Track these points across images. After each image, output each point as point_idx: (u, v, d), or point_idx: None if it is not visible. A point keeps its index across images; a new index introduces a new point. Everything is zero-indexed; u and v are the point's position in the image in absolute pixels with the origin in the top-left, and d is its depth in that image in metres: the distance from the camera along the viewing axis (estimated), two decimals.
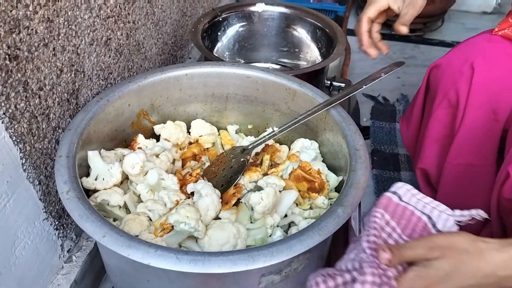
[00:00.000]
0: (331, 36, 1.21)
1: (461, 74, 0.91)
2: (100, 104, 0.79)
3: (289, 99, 0.91)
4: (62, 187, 0.63)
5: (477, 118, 0.90)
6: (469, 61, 0.90)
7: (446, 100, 0.94)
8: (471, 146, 0.92)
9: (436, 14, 1.96)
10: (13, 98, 0.64)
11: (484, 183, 0.93)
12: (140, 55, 1.05)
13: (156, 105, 0.91)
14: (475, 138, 0.91)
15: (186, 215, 0.66)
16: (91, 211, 0.60)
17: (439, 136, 0.98)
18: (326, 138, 0.86)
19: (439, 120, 0.97)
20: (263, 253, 0.56)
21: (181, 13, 1.29)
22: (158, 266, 0.54)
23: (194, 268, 0.54)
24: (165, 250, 0.56)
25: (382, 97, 1.67)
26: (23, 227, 0.71)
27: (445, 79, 0.94)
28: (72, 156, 0.69)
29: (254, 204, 0.73)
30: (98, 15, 0.83)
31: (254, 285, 0.61)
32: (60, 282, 0.83)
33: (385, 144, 1.46)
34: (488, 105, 0.88)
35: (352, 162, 0.72)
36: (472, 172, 0.93)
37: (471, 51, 0.92)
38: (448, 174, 0.96)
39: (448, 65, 0.95)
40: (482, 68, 0.89)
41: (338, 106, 0.84)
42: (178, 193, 0.76)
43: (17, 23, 0.62)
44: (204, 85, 0.94)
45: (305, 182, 0.79)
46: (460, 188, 0.96)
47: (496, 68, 0.88)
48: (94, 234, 0.58)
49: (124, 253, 0.55)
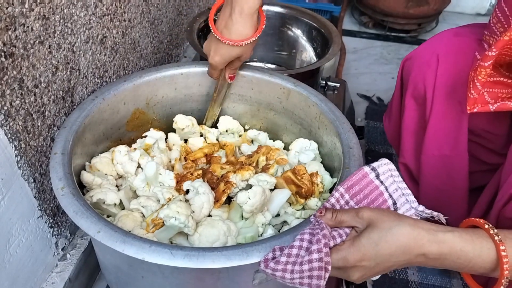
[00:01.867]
0: (326, 36, 1.21)
1: (428, 66, 0.92)
2: (95, 102, 0.79)
3: (283, 98, 0.91)
4: (57, 184, 0.64)
5: (445, 109, 0.91)
6: (435, 53, 0.91)
7: (416, 91, 0.95)
8: (442, 137, 0.93)
9: (431, 15, 1.98)
10: (9, 96, 0.64)
11: (459, 173, 0.94)
12: (135, 53, 1.05)
13: (151, 104, 0.91)
14: (445, 129, 0.92)
15: (177, 210, 0.66)
16: (86, 208, 0.60)
17: (414, 128, 0.99)
18: (321, 137, 0.87)
19: (411, 112, 0.98)
20: (257, 249, 0.56)
21: (176, 12, 1.29)
22: (153, 261, 0.55)
23: (188, 263, 0.54)
24: (160, 245, 0.56)
25: (376, 98, 1.67)
26: (17, 225, 0.71)
27: (415, 71, 0.95)
28: (67, 153, 0.69)
29: (241, 203, 0.73)
30: (94, 13, 0.83)
31: (248, 281, 0.62)
32: (55, 280, 0.83)
33: (379, 144, 1.47)
34: (454, 96, 0.89)
35: (346, 160, 0.73)
36: (446, 163, 0.94)
37: (438, 44, 0.93)
38: (426, 167, 0.97)
39: (418, 57, 0.96)
40: (446, 60, 0.89)
41: (332, 104, 0.84)
42: (172, 190, 0.76)
43: (13, 20, 0.62)
44: (199, 84, 0.94)
45: (294, 185, 0.80)
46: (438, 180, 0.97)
47: (460, 61, 0.88)
48: (88, 230, 0.58)
49: (119, 248, 0.56)
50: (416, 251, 0.52)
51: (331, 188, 0.82)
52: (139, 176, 0.79)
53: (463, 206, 0.96)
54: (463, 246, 0.52)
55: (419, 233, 0.52)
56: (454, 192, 0.96)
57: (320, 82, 1.28)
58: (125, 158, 0.80)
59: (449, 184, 0.96)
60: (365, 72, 1.83)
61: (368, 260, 0.53)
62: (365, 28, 2.13)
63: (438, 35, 0.95)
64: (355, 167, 0.71)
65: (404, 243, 0.52)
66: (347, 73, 1.80)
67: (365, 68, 1.86)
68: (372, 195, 0.60)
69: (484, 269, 0.53)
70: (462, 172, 0.94)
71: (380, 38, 2.07)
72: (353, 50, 1.97)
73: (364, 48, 1.99)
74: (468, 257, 0.52)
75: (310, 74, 1.10)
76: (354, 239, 0.54)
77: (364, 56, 1.93)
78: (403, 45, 2.01)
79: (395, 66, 1.86)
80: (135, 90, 0.87)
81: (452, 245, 0.52)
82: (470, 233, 0.54)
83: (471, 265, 0.53)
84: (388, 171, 0.61)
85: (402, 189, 0.61)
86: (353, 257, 0.53)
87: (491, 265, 0.53)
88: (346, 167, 0.71)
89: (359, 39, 2.05)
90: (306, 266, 0.52)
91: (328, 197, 0.61)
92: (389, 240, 0.52)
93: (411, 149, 1.01)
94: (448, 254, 0.52)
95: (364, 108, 1.62)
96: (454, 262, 0.53)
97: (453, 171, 0.95)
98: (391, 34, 2.07)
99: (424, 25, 2.05)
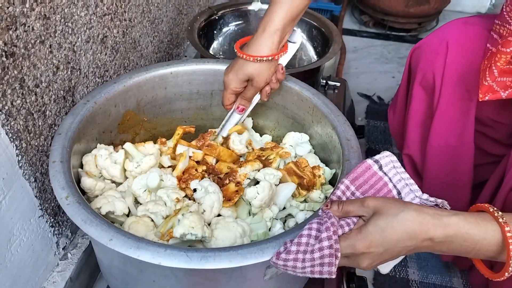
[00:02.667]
0: (326, 35, 1.21)
1: (437, 54, 0.92)
2: (88, 106, 0.77)
3: (275, 93, 0.91)
4: (61, 193, 0.62)
5: (453, 97, 0.91)
6: (445, 41, 0.91)
7: (424, 80, 0.95)
8: (449, 125, 0.93)
9: (431, 14, 1.98)
10: (10, 95, 0.64)
11: (464, 165, 0.94)
12: (136, 53, 1.05)
13: (142, 105, 0.90)
14: (452, 118, 0.92)
15: (191, 225, 0.64)
16: (94, 215, 0.59)
17: (421, 118, 0.99)
18: (315, 131, 0.87)
19: (418, 102, 0.98)
20: (271, 245, 0.56)
21: (177, 11, 1.30)
22: (170, 265, 0.54)
23: (205, 265, 0.54)
24: (175, 249, 0.55)
25: (377, 97, 1.67)
26: (18, 224, 0.71)
27: (424, 59, 0.95)
28: (65, 160, 0.67)
29: (250, 198, 0.73)
30: (94, 12, 0.83)
31: (260, 277, 0.61)
32: (56, 279, 0.83)
33: (380, 143, 1.47)
34: (462, 84, 0.90)
35: (345, 152, 0.73)
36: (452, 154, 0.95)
37: (448, 32, 0.93)
38: (431, 158, 0.97)
39: (427, 45, 0.96)
40: (456, 47, 0.90)
41: (324, 98, 0.85)
42: (177, 190, 0.76)
43: (13, 20, 0.62)
44: (189, 83, 0.93)
45: (295, 176, 0.80)
46: (442, 172, 0.97)
47: (469, 48, 0.89)
48: (100, 238, 0.56)
49: (134, 254, 0.55)
50: (423, 236, 0.52)
51: (330, 180, 0.83)
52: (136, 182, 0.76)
53: (466, 200, 0.96)
54: (468, 228, 0.52)
55: (425, 218, 0.52)
56: (458, 185, 0.96)
57: (320, 81, 1.28)
58: (108, 162, 0.76)
59: (454, 176, 0.96)
60: (366, 71, 1.83)
61: (376, 247, 0.53)
62: (366, 27, 2.13)
63: (447, 23, 0.96)
64: (355, 159, 0.72)
65: (410, 228, 0.52)
66: (348, 72, 1.80)
67: (366, 67, 1.85)
68: (377, 186, 0.61)
69: (492, 252, 0.53)
70: (467, 164, 0.94)
71: (380, 37, 2.07)
72: (354, 49, 1.96)
73: (364, 47, 1.99)
74: (474, 240, 0.52)
75: (310, 73, 1.10)
76: (361, 227, 0.54)
77: (364, 55, 1.93)
78: (403, 44, 2.01)
79: (396, 65, 1.86)
80: (126, 91, 0.85)
81: (457, 228, 0.52)
82: (475, 216, 0.54)
83: (478, 247, 0.53)
84: (391, 162, 0.62)
85: (405, 179, 0.61)
86: (361, 244, 0.53)
87: (497, 247, 0.52)
88: (346, 159, 0.72)
89: (359, 38, 2.05)
90: (317, 254, 0.53)
91: (334, 189, 0.62)
92: (395, 226, 0.52)
93: (417, 140, 1.01)
94: (454, 237, 0.52)
95: (364, 107, 1.62)
96: (461, 245, 0.53)
97: (458, 162, 0.95)
98: (392, 33, 2.07)
99: (425, 24, 2.05)
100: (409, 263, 1.11)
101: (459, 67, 0.89)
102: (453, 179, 0.96)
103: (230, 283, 0.64)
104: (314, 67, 1.09)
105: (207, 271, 0.56)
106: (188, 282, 0.64)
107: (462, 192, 0.96)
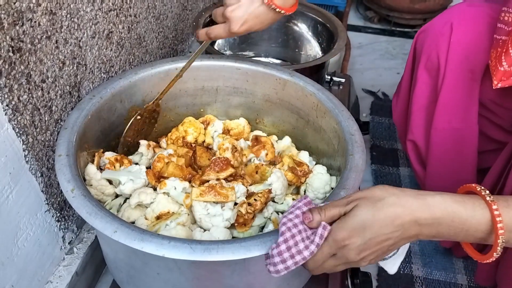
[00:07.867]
0: (331, 31, 1.21)
1: (441, 34, 0.92)
2: (93, 101, 0.78)
3: (279, 89, 0.91)
4: (66, 186, 0.63)
5: (457, 78, 0.91)
6: (449, 22, 0.92)
7: (429, 62, 0.95)
8: (453, 107, 0.93)
9: (436, 9, 1.97)
10: (16, 90, 0.65)
11: (469, 148, 0.94)
12: (141, 48, 1.06)
13: (147, 100, 0.90)
14: (456, 99, 0.92)
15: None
16: (99, 208, 0.60)
17: (425, 102, 0.99)
18: (319, 126, 0.87)
19: (423, 85, 0.98)
20: (274, 237, 0.57)
21: (182, 7, 1.30)
22: (173, 257, 0.55)
23: (209, 257, 0.55)
24: (179, 241, 0.56)
25: (381, 93, 1.67)
26: (25, 219, 0.72)
27: (428, 41, 0.95)
28: (71, 154, 0.68)
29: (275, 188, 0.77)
30: (100, 8, 0.83)
31: (262, 270, 0.62)
32: (62, 273, 0.83)
33: (385, 139, 1.47)
34: (466, 64, 0.90)
35: (349, 147, 0.74)
36: (456, 137, 0.94)
37: (452, 13, 0.94)
38: (435, 141, 0.97)
39: (431, 28, 0.97)
40: (460, 27, 0.90)
41: (329, 93, 0.85)
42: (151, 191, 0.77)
43: (20, 15, 0.62)
44: (194, 78, 0.94)
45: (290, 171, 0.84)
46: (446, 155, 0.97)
47: (473, 29, 0.89)
48: (104, 230, 0.57)
49: (138, 246, 0.55)
50: (408, 218, 0.51)
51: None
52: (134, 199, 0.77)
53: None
54: (455, 207, 0.51)
55: (407, 200, 0.52)
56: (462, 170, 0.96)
57: (325, 77, 1.28)
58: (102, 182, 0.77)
59: (458, 160, 0.96)
60: (370, 68, 1.82)
61: (356, 236, 0.52)
62: (370, 23, 2.12)
63: (452, 7, 0.97)
64: (359, 153, 0.72)
65: (392, 212, 0.51)
66: (352, 68, 1.80)
67: (370, 64, 1.85)
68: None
69: (481, 232, 0.52)
70: (471, 147, 0.94)
71: (385, 33, 2.06)
72: (358, 45, 1.96)
73: (369, 43, 1.99)
74: (462, 219, 0.51)
75: (315, 69, 1.10)
76: (340, 219, 0.54)
77: (369, 51, 1.93)
78: (408, 40, 2.00)
79: (400, 61, 1.86)
80: (131, 87, 0.86)
81: (444, 208, 0.51)
82: (461, 196, 0.53)
83: (466, 227, 0.52)
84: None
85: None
86: (340, 234, 0.52)
87: (486, 226, 0.51)
88: (350, 154, 0.72)
89: (364, 34, 2.05)
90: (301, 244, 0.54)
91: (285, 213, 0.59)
92: (376, 213, 0.51)
93: (421, 125, 1.01)
94: (441, 218, 0.51)
95: (369, 104, 1.62)
96: (449, 226, 0.52)
97: (462, 145, 0.95)
98: (396, 29, 2.06)
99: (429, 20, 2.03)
100: (413, 259, 1.11)
101: (463, 46, 0.90)
102: (457, 164, 0.96)
103: (233, 277, 0.64)
104: (319, 63, 1.09)
105: (210, 263, 0.57)
106: (191, 275, 0.65)
107: (467, 177, 0.96)
